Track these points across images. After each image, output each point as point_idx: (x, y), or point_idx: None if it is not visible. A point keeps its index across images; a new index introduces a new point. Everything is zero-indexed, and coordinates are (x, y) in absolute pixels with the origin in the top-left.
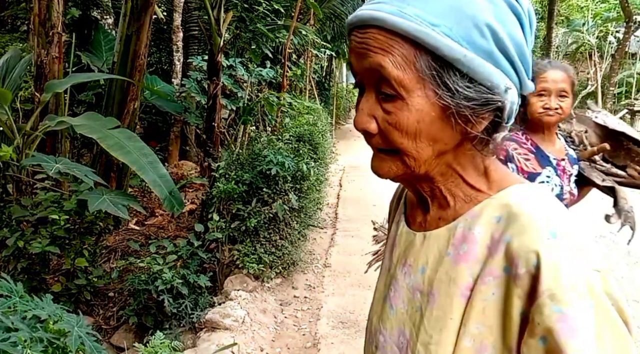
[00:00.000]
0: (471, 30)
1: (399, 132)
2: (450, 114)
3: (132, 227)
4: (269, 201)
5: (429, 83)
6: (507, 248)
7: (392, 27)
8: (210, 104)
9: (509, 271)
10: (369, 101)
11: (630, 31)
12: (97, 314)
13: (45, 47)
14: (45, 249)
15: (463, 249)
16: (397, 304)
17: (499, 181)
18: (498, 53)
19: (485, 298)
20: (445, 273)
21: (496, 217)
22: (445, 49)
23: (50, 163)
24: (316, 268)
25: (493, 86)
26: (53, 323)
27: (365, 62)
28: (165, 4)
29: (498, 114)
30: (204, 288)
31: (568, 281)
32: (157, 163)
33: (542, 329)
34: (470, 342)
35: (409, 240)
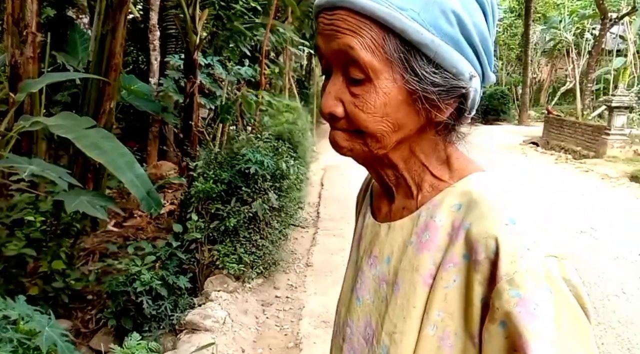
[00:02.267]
0: (438, 16)
1: (365, 115)
2: (416, 99)
3: (110, 229)
4: (248, 200)
5: (396, 66)
6: (467, 235)
7: (360, 9)
8: (188, 102)
9: (469, 257)
10: (336, 85)
11: (605, 28)
12: (75, 317)
13: (19, 47)
14: (21, 251)
15: (425, 237)
16: (363, 296)
17: (461, 169)
18: (463, 41)
19: (447, 285)
20: (408, 262)
21: (456, 204)
22: (413, 33)
23: (23, 164)
24: (298, 267)
25: (458, 73)
26: (24, 323)
27: (333, 43)
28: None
29: (462, 102)
30: (183, 289)
31: (526, 266)
32: (134, 163)
33: (502, 314)
34: (433, 330)
35: (374, 231)
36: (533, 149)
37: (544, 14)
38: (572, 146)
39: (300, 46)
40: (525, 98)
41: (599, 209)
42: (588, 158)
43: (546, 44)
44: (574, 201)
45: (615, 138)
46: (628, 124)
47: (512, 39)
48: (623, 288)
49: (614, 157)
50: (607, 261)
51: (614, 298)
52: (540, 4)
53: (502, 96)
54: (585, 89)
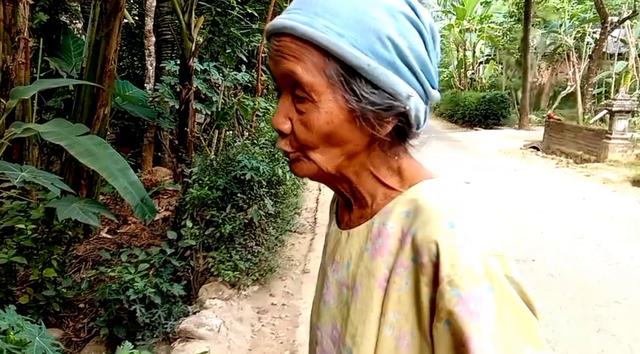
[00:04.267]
0: (374, 42)
1: (308, 132)
2: (356, 117)
3: (103, 236)
4: (244, 206)
5: (338, 88)
6: (413, 240)
7: (301, 35)
8: (183, 108)
9: (416, 260)
10: (285, 103)
11: (606, 32)
12: (66, 326)
13: (10, 52)
14: (11, 259)
15: (378, 243)
16: (329, 301)
17: (411, 177)
18: (400, 63)
19: (399, 288)
20: (364, 267)
21: (405, 211)
22: (351, 58)
23: (15, 171)
24: (295, 274)
25: (395, 93)
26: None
27: (280, 67)
28: (136, 8)
29: (402, 120)
30: (177, 297)
31: (464, 266)
32: (127, 170)
33: (445, 313)
34: (390, 331)
35: (336, 238)
36: (534, 154)
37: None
38: (573, 150)
39: None
40: (525, 102)
41: (600, 214)
42: (589, 162)
43: (546, 48)
44: (575, 206)
45: (617, 142)
46: (630, 128)
47: (511, 43)
48: (624, 294)
49: (615, 162)
50: (608, 267)
51: (615, 304)
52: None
53: (502, 100)
54: (586, 93)
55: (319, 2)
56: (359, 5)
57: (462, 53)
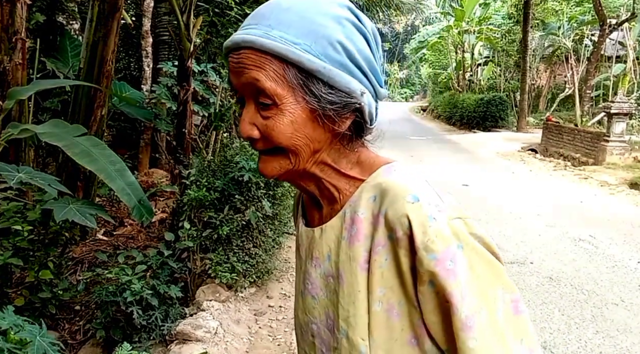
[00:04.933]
0: (326, 47)
1: (276, 133)
2: (318, 115)
3: (100, 237)
4: (241, 208)
5: (298, 91)
6: (385, 219)
7: (260, 47)
8: (181, 110)
9: (392, 237)
10: (250, 112)
11: (604, 34)
12: (62, 328)
13: (7, 53)
14: (7, 261)
15: (354, 230)
16: (317, 294)
17: (370, 165)
18: (351, 64)
19: (381, 265)
20: (345, 254)
21: (372, 196)
22: (307, 63)
23: (12, 172)
24: (292, 276)
25: (350, 91)
26: (14, 333)
27: (242, 78)
28: (134, 8)
29: (358, 115)
30: (174, 299)
31: (434, 232)
32: (125, 171)
33: (427, 276)
34: (379, 305)
35: (309, 237)
36: (532, 156)
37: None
38: (571, 153)
39: None
40: (523, 105)
41: (598, 217)
42: (587, 165)
43: (545, 50)
44: (573, 208)
45: (615, 145)
46: (627, 131)
47: (510, 45)
48: (621, 296)
49: (613, 164)
50: (605, 269)
51: (612, 306)
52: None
53: (500, 102)
54: (584, 96)
55: (271, 16)
56: (307, 15)
57: (460, 55)
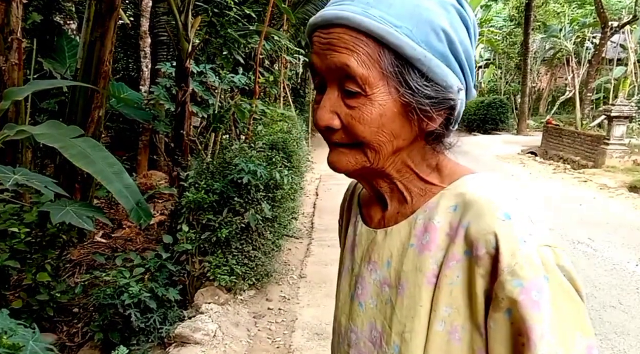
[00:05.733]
0: (429, 33)
1: (362, 126)
2: (410, 110)
3: (98, 240)
4: (240, 210)
5: (391, 80)
6: (466, 233)
7: (357, 25)
8: (179, 111)
9: (470, 253)
10: (331, 99)
11: (606, 37)
12: (60, 331)
13: (3, 53)
14: (4, 263)
15: (425, 239)
16: (365, 301)
17: (451, 173)
18: (451, 56)
19: (451, 282)
20: (411, 263)
21: (452, 206)
22: (408, 49)
23: (7, 174)
24: (291, 278)
25: (448, 86)
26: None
27: (329, 61)
28: (132, 8)
29: (451, 113)
30: (173, 302)
31: (524, 257)
32: (122, 173)
33: (507, 303)
34: (441, 325)
35: (370, 238)
36: (531, 159)
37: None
38: (571, 156)
39: (296, 54)
40: (524, 107)
41: (596, 220)
42: (587, 168)
43: (546, 52)
44: (572, 211)
45: (615, 148)
46: (627, 134)
47: (511, 47)
48: (620, 298)
49: (613, 167)
50: (603, 272)
51: (610, 308)
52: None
53: (501, 105)
54: (584, 98)
55: None
56: None
57: None
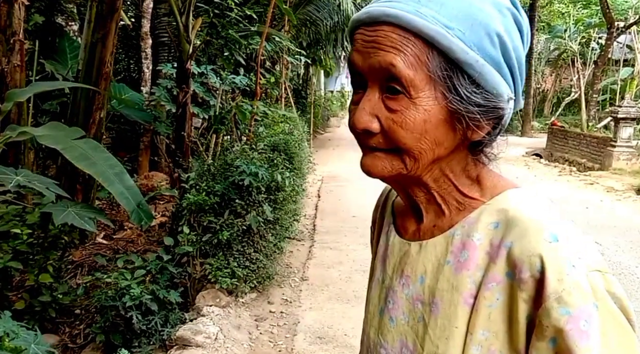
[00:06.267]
0: (482, 37)
1: (404, 131)
2: (456, 118)
3: (99, 241)
4: (242, 212)
5: (439, 85)
6: (509, 253)
7: (406, 24)
8: (180, 112)
9: (512, 275)
10: (372, 100)
11: (612, 37)
12: (62, 332)
13: (6, 55)
14: (6, 264)
15: (463, 256)
16: (397, 316)
17: (492, 187)
18: (503, 63)
19: (490, 304)
20: (446, 281)
21: (493, 223)
22: (459, 52)
23: (10, 176)
24: (293, 281)
25: (498, 94)
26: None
27: (373, 60)
28: (133, 9)
29: (497, 123)
30: (174, 304)
31: (572, 283)
32: (123, 174)
33: (552, 331)
34: (477, 350)
35: (403, 250)
36: (536, 161)
37: (549, 23)
38: (577, 158)
39: (297, 55)
40: (528, 109)
41: (603, 223)
42: (593, 170)
43: (550, 53)
44: (578, 214)
45: (622, 150)
46: (635, 136)
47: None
48: None
49: (619, 170)
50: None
51: None
52: (544, 13)
53: None
54: (590, 100)
55: None
56: None
57: None
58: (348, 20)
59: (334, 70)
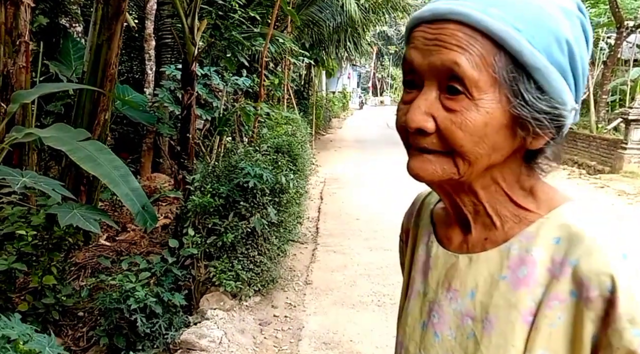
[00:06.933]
0: (551, 43)
1: (462, 133)
2: (518, 125)
3: (102, 243)
4: (246, 215)
5: (503, 88)
6: (575, 271)
7: (475, 23)
8: (185, 114)
9: (578, 294)
10: (428, 99)
11: (621, 37)
12: (65, 334)
13: (11, 56)
14: (11, 266)
15: (522, 272)
16: (442, 332)
17: (548, 200)
18: (569, 71)
19: (552, 323)
20: (502, 298)
21: (555, 238)
22: (529, 55)
23: (16, 177)
24: (297, 285)
25: (562, 102)
26: (23, 343)
27: (434, 58)
28: (136, 11)
29: (557, 132)
30: (178, 307)
31: None
32: (129, 176)
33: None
34: None
35: (449, 263)
36: None
37: None
38: (586, 161)
39: (300, 56)
40: None
41: None
42: (603, 173)
43: None
44: None
45: (633, 152)
46: None
47: None
48: None
49: (631, 173)
50: None
51: None
52: None
53: None
54: (599, 101)
55: None
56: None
57: None
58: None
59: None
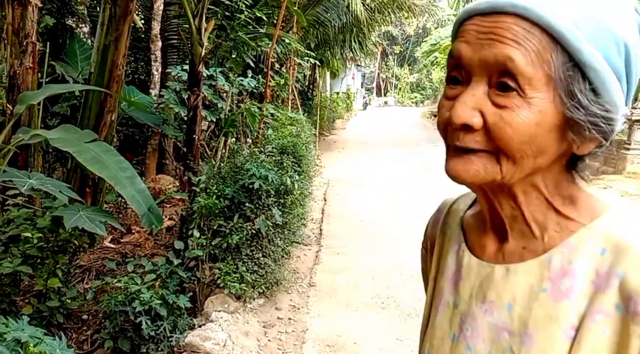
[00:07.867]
0: (610, 45)
1: (512, 130)
2: (570, 127)
3: (107, 245)
4: (251, 216)
5: (558, 87)
6: (622, 284)
7: (536, 17)
8: (191, 115)
9: (624, 308)
10: (475, 95)
11: None
12: (70, 338)
13: (18, 57)
14: (16, 269)
15: (564, 284)
16: (475, 345)
17: (590, 208)
18: (624, 75)
19: (595, 338)
20: (542, 310)
21: (599, 249)
22: (587, 54)
23: (23, 179)
24: (300, 287)
25: (614, 107)
26: (34, 345)
27: (487, 52)
28: (143, 12)
29: (604, 138)
30: (183, 309)
31: None
32: (135, 178)
33: None
34: None
35: (483, 273)
36: None
37: None
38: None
39: (306, 57)
40: None
41: None
42: (606, 174)
43: None
44: None
45: (636, 153)
46: None
47: None
48: None
49: (634, 174)
50: None
51: None
52: None
53: None
54: None
55: None
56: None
57: None
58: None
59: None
